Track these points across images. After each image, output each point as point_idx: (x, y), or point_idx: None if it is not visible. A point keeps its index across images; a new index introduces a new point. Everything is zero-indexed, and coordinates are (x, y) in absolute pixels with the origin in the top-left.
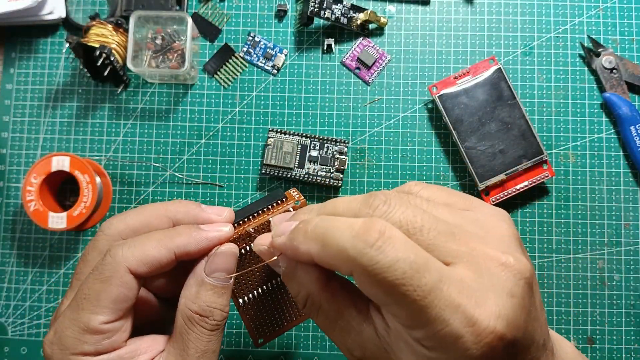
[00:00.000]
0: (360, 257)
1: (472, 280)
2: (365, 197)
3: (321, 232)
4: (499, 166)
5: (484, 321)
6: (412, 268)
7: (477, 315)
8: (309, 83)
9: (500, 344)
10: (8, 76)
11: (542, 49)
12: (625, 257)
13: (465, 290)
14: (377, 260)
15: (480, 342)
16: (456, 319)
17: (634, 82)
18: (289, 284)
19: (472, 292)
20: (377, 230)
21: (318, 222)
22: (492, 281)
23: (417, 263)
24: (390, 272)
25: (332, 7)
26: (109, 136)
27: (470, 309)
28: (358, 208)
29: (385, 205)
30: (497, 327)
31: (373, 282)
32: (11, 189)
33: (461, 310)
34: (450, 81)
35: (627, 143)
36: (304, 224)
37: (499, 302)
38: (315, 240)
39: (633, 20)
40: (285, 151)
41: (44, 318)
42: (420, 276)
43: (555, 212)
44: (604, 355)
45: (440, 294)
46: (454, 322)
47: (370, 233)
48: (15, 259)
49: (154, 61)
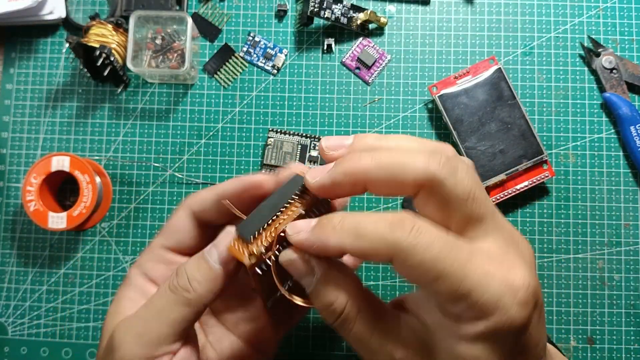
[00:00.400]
0: (401, 242)
1: (500, 252)
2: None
3: (353, 225)
4: (499, 166)
5: (518, 280)
6: (447, 246)
7: (511, 276)
8: (309, 83)
9: (532, 301)
10: (8, 76)
11: (542, 49)
12: (625, 257)
13: (496, 259)
14: (417, 242)
15: (517, 300)
16: (495, 282)
17: (634, 82)
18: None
19: (503, 259)
20: (410, 220)
21: (344, 217)
22: (516, 252)
23: (450, 242)
24: (429, 252)
25: (332, 7)
26: (109, 136)
27: (504, 272)
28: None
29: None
30: (529, 287)
31: (415, 264)
32: (11, 189)
33: (497, 275)
34: (450, 81)
35: (627, 143)
36: (327, 219)
37: (524, 267)
38: (347, 232)
39: (633, 20)
40: (285, 151)
41: (44, 318)
42: (455, 252)
43: (555, 212)
44: (604, 355)
45: (475, 263)
46: (493, 285)
47: (405, 222)
48: (15, 259)
49: (154, 61)
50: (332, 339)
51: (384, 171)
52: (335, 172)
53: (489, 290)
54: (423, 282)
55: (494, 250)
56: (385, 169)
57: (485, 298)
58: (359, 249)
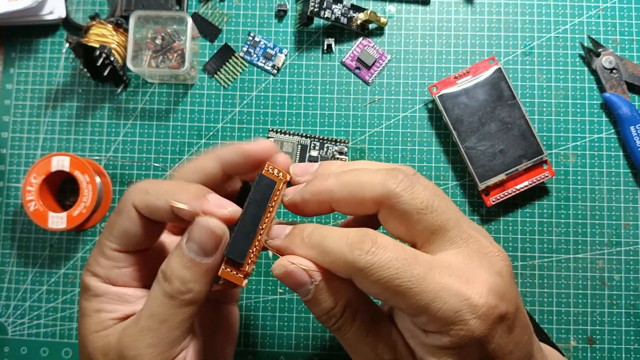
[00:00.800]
0: (358, 262)
1: (462, 264)
2: (389, 170)
3: (318, 240)
4: (499, 166)
5: (476, 295)
6: (403, 264)
7: (469, 291)
8: (309, 83)
9: (494, 315)
10: (8, 76)
11: (542, 49)
12: (625, 257)
13: (455, 272)
14: (373, 262)
15: (477, 314)
16: (451, 296)
17: (634, 82)
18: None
19: (462, 273)
20: (370, 239)
21: (313, 230)
22: (482, 263)
23: (407, 259)
24: (384, 271)
25: (332, 7)
26: (109, 136)
27: (462, 286)
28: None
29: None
30: (489, 299)
31: (372, 282)
32: (11, 189)
33: (455, 288)
34: (450, 81)
35: (627, 143)
36: (298, 230)
37: (489, 279)
38: (312, 247)
39: (633, 20)
40: (285, 151)
41: (44, 318)
42: (411, 269)
43: (555, 212)
44: (604, 355)
45: (433, 278)
46: (450, 298)
47: (364, 241)
48: (15, 259)
49: (154, 61)
50: (332, 339)
51: (346, 189)
52: (304, 191)
53: (446, 304)
54: (382, 298)
55: (455, 262)
56: (346, 187)
57: (442, 311)
58: (323, 265)
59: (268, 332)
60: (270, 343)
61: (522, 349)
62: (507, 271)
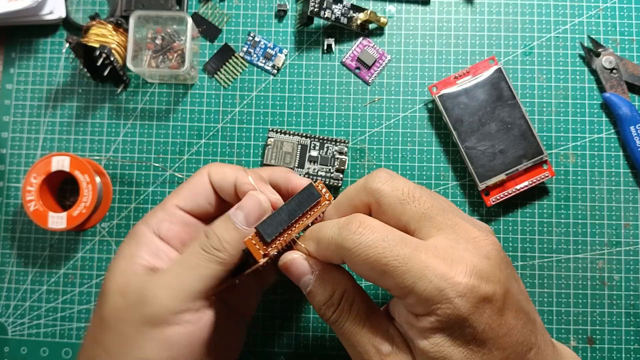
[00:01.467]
0: (346, 242)
1: (448, 247)
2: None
3: (315, 231)
4: (499, 166)
5: (460, 274)
6: (389, 244)
7: (453, 271)
8: (309, 83)
9: (478, 294)
10: (8, 76)
11: (542, 49)
12: (625, 257)
13: (441, 254)
14: (360, 242)
15: (460, 292)
16: (435, 275)
17: (634, 82)
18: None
19: (447, 255)
20: (357, 220)
21: (314, 226)
22: (468, 247)
23: (393, 239)
24: (371, 250)
25: (332, 7)
26: (109, 136)
27: (446, 267)
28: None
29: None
30: (472, 280)
31: (361, 262)
32: (11, 189)
33: (439, 268)
34: (450, 81)
35: (627, 143)
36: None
37: (474, 260)
38: (311, 239)
39: (633, 20)
40: (285, 151)
41: (44, 318)
42: (398, 249)
43: (555, 212)
44: (604, 355)
45: (418, 259)
46: (434, 278)
47: (352, 222)
48: (15, 259)
49: (154, 61)
50: (332, 339)
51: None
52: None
53: (431, 283)
54: (372, 279)
55: (441, 246)
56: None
57: (427, 291)
58: (319, 254)
59: (268, 332)
60: (270, 343)
61: (517, 335)
62: (495, 255)
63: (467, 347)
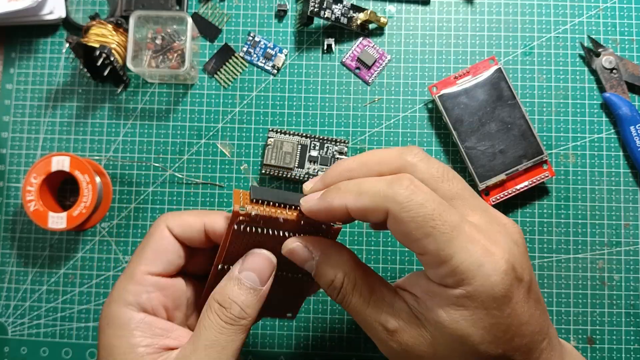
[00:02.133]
0: (398, 196)
1: (486, 226)
2: (403, 147)
3: (355, 185)
4: (499, 166)
5: (499, 253)
6: (440, 207)
7: (493, 249)
8: (309, 83)
9: (513, 275)
10: (8, 76)
11: (542, 49)
12: (625, 257)
13: (482, 231)
14: (411, 198)
15: (498, 270)
16: (477, 250)
17: (634, 82)
18: (324, 271)
19: (487, 233)
20: (408, 178)
21: (349, 181)
22: (501, 230)
23: (443, 204)
24: (422, 208)
25: (332, 7)
26: (109, 136)
27: (488, 244)
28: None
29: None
30: (509, 263)
31: (409, 218)
32: (11, 189)
33: (482, 243)
34: (450, 81)
35: (627, 143)
36: (334, 185)
37: (508, 244)
38: (350, 191)
39: (633, 20)
40: (285, 151)
41: (44, 318)
42: (447, 214)
43: (555, 212)
44: (604, 355)
45: (463, 230)
46: (476, 252)
47: (402, 180)
48: (15, 259)
49: (154, 61)
50: (333, 339)
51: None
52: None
53: (472, 256)
54: (413, 238)
55: (481, 223)
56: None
57: (467, 263)
58: (360, 206)
59: (268, 332)
60: (270, 343)
61: (535, 324)
62: (522, 243)
63: (489, 331)
